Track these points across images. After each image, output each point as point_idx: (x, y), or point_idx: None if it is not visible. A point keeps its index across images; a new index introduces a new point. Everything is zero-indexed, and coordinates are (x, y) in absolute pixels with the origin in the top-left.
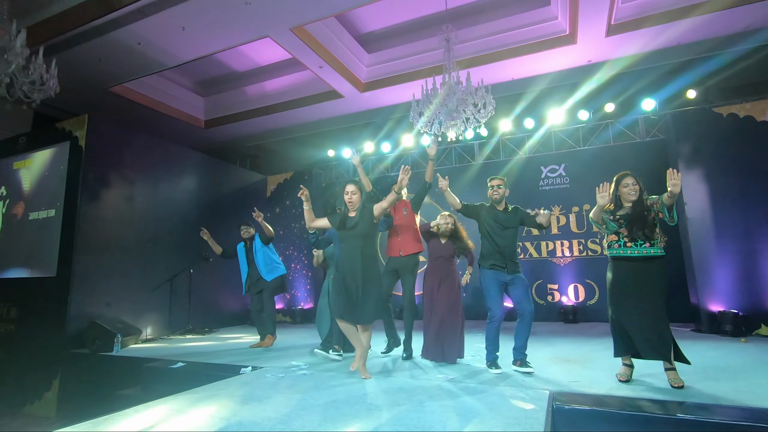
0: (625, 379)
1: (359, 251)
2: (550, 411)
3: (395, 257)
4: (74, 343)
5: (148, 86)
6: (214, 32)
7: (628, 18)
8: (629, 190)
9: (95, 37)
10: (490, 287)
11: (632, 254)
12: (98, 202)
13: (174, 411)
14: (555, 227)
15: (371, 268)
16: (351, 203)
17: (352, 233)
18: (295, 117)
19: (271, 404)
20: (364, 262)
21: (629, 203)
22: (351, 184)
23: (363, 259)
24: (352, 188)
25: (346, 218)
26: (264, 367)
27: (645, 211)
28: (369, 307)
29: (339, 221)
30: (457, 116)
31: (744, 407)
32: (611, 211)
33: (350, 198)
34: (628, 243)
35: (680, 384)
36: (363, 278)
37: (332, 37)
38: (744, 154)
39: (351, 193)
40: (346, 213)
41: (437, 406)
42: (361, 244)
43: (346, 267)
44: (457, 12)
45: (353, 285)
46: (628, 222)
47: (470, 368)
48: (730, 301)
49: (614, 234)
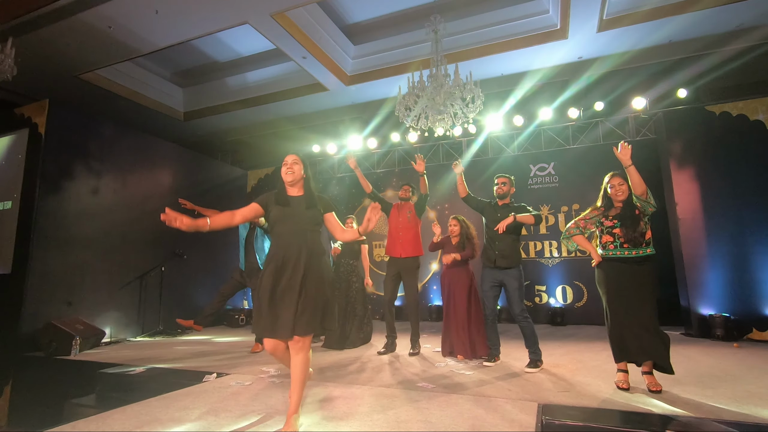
0: (626, 386)
1: (304, 240)
2: (540, 426)
3: (396, 258)
4: (28, 345)
5: (123, 75)
6: (190, 17)
7: (620, 13)
8: (616, 191)
9: (61, 19)
10: (483, 285)
11: (629, 255)
12: (59, 193)
13: (117, 425)
14: (543, 227)
15: (319, 267)
16: (292, 176)
17: (297, 214)
18: (278, 110)
19: (228, 418)
20: (310, 257)
21: (620, 203)
22: (292, 155)
23: (309, 251)
24: (292, 159)
25: (283, 193)
26: (230, 374)
27: (635, 211)
28: (310, 314)
29: (278, 195)
30: (445, 111)
31: (742, 423)
32: (603, 213)
33: (291, 169)
34: (624, 244)
35: (659, 387)
36: (305, 276)
37: (316, 26)
38: (736, 154)
39: (292, 163)
40: (283, 188)
41: (409, 422)
42: (309, 231)
43: (283, 260)
44: (446, 3)
45: (290, 284)
46: (621, 222)
47: (462, 374)
48: (721, 304)
49: (609, 235)
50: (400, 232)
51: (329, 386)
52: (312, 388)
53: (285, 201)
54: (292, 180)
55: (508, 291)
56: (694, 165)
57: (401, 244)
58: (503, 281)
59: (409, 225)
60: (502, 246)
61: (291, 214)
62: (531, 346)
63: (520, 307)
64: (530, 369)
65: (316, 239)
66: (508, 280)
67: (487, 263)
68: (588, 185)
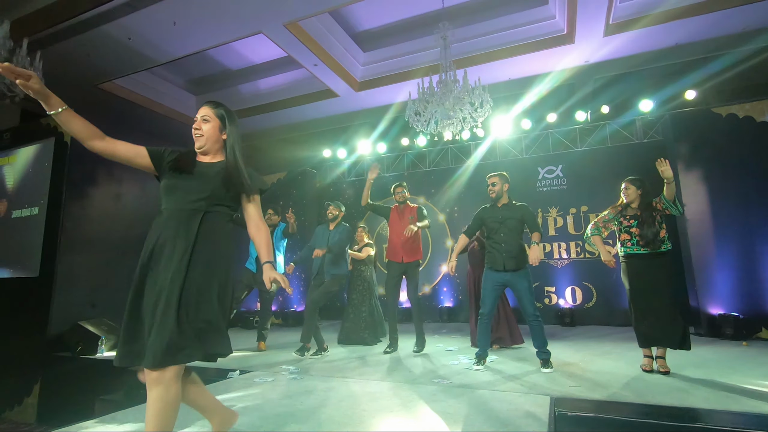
0: (649, 368)
1: (198, 218)
2: (552, 418)
3: (398, 263)
4: (57, 346)
5: (139, 84)
6: (207, 27)
7: (626, 18)
8: (624, 194)
9: (84, 31)
10: (485, 284)
11: (645, 251)
12: (84, 199)
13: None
14: (552, 229)
15: (217, 257)
16: (201, 139)
17: (196, 184)
18: (290, 116)
19: (259, 410)
20: (205, 240)
21: (636, 204)
22: (204, 107)
23: (204, 233)
24: (203, 112)
25: (189, 157)
26: (252, 371)
27: (652, 212)
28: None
29: (177, 159)
30: (454, 115)
31: (749, 413)
32: (621, 212)
33: (198, 129)
34: (640, 242)
35: (667, 369)
36: (202, 272)
37: (327, 34)
38: (743, 155)
39: (201, 121)
40: (192, 155)
41: (432, 412)
42: (206, 207)
43: (164, 241)
44: (454, 10)
45: (170, 279)
46: (638, 222)
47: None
48: (730, 303)
49: (627, 233)
50: (401, 237)
51: (348, 382)
52: (331, 382)
53: (184, 164)
54: (201, 145)
55: (519, 292)
56: (702, 167)
57: (404, 249)
58: (510, 283)
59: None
60: (508, 248)
61: (194, 187)
62: (540, 346)
63: (533, 307)
64: (544, 369)
65: (223, 219)
66: (518, 282)
67: (494, 266)
68: (596, 187)
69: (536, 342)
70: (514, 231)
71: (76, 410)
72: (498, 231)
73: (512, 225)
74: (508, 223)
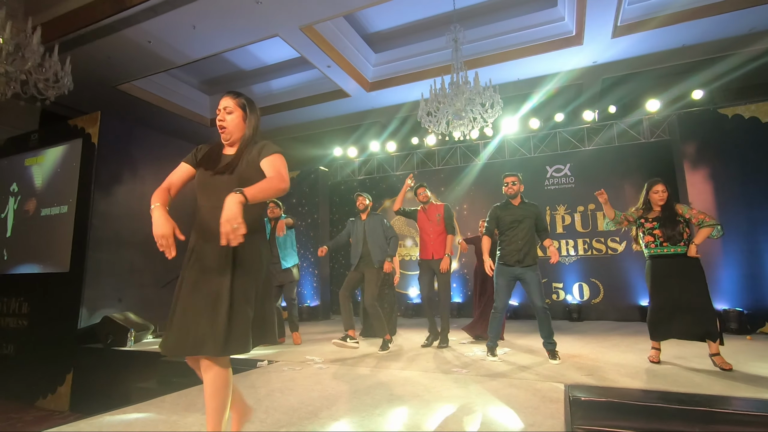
0: (656, 360)
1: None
2: (567, 402)
3: (428, 260)
4: (87, 338)
5: (154, 84)
6: (225, 31)
7: (634, 20)
8: (659, 197)
9: (106, 35)
10: (498, 280)
11: (669, 252)
12: (110, 198)
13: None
14: (560, 226)
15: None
16: (225, 132)
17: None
18: (301, 115)
19: (294, 395)
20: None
21: (659, 207)
22: (226, 97)
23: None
24: (225, 102)
25: (215, 151)
26: (279, 361)
27: (675, 216)
28: (228, 320)
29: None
30: (465, 116)
31: (755, 399)
32: (642, 214)
33: (222, 120)
34: (664, 243)
35: (729, 366)
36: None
37: (340, 36)
38: (749, 155)
39: (224, 111)
40: (218, 148)
41: (456, 395)
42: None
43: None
44: (465, 12)
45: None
46: (661, 224)
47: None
48: (734, 299)
49: (650, 236)
50: (431, 236)
51: (374, 370)
52: (358, 370)
53: (210, 162)
54: (227, 137)
55: (529, 286)
56: (708, 166)
57: (433, 246)
58: (522, 277)
59: (439, 228)
60: (523, 244)
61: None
62: (547, 336)
63: (541, 301)
64: (552, 361)
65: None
66: (529, 276)
67: (508, 261)
68: (603, 185)
69: (542, 332)
70: (528, 228)
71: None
72: (513, 228)
73: (527, 223)
74: (524, 221)
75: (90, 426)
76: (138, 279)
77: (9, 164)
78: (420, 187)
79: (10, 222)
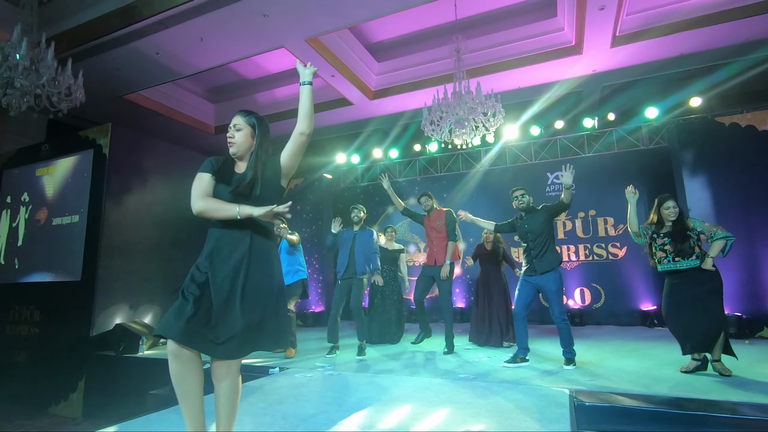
0: (686, 369)
1: (249, 233)
2: (572, 408)
3: (431, 266)
4: (99, 345)
5: (160, 93)
6: (232, 43)
7: (632, 30)
8: (669, 213)
9: (116, 47)
10: (518, 288)
11: (681, 267)
12: (121, 207)
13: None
14: (561, 232)
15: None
16: (234, 147)
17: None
18: None
19: (307, 401)
20: (254, 254)
21: (670, 222)
22: (237, 116)
23: (253, 247)
24: (234, 121)
25: (231, 170)
26: (291, 369)
27: (686, 231)
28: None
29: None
30: (467, 124)
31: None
32: (654, 229)
33: (231, 137)
34: (675, 258)
35: (728, 373)
36: (247, 279)
37: (344, 47)
38: (746, 162)
39: (233, 129)
40: (231, 163)
41: (461, 403)
42: (254, 221)
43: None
44: (466, 22)
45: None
46: (671, 239)
47: (495, 368)
48: (733, 304)
49: (662, 251)
50: (433, 241)
51: (381, 377)
52: (366, 377)
53: (223, 177)
54: (234, 152)
55: (547, 294)
56: (706, 173)
57: (435, 253)
58: (541, 286)
59: (440, 234)
60: (536, 252)
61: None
62: (567, 346)
63: (560, 309)
64: (567, 367)
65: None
66: (548, 284)
67: (527, 271)
68: (603, 191)
69: (562, 342)
70: (542, 235)
71: (120, 405)
72: (527, 239)
73: (539, 230)
74: (535, 230)
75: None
76: (148, 287)
77: (20, 174)
78: (422, 195)
79: (22, 231)
